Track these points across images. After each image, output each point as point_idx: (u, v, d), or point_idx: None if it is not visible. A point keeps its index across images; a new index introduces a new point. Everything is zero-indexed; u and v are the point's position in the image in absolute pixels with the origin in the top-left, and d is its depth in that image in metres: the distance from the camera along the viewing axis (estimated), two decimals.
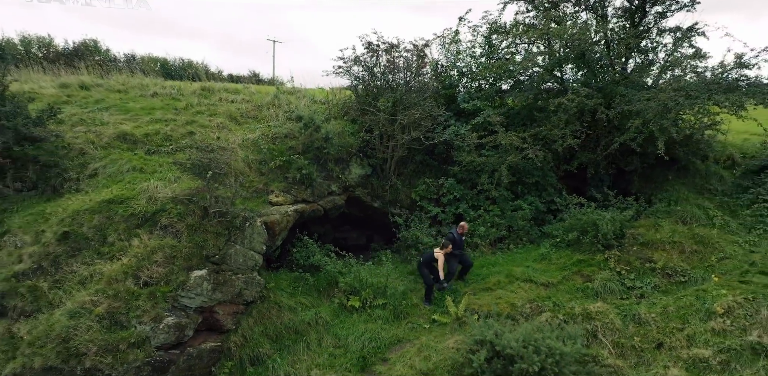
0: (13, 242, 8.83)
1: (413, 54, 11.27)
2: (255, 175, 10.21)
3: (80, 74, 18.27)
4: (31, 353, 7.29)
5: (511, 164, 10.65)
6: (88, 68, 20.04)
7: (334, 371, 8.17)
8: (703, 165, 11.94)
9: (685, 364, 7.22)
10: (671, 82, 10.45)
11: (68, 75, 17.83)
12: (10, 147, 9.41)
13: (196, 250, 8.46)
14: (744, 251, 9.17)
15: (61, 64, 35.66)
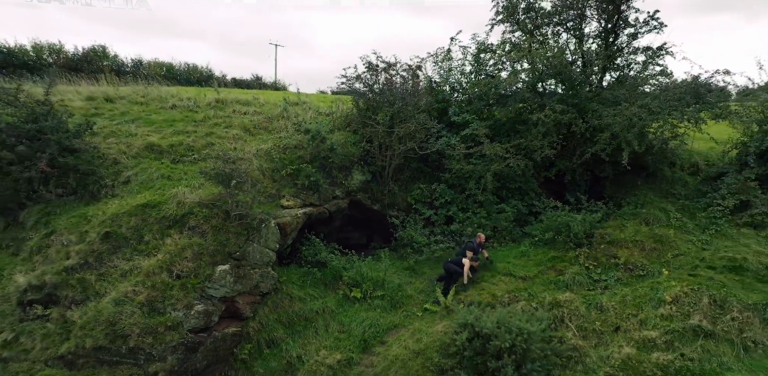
0: (60, 241, 10.14)
1: (409, 73, 12.58)
2: (269, 182, 11.51)
3: (100, 84, 19.67)
4: (83, 334, 8.59)
5: (495, 172, 11.95)
6: (105, 78, 21.39)
7: (339, 352, 9.46)
8: (670, 172, 13.23)
9: (636, 344, 8.51)
10: (636, 99, 11.75)
11: (88, 85, 19.21)
12: (54, 158, 10.72)
13: (219, 247, 9.77)
14: (696, 248, 10.46)
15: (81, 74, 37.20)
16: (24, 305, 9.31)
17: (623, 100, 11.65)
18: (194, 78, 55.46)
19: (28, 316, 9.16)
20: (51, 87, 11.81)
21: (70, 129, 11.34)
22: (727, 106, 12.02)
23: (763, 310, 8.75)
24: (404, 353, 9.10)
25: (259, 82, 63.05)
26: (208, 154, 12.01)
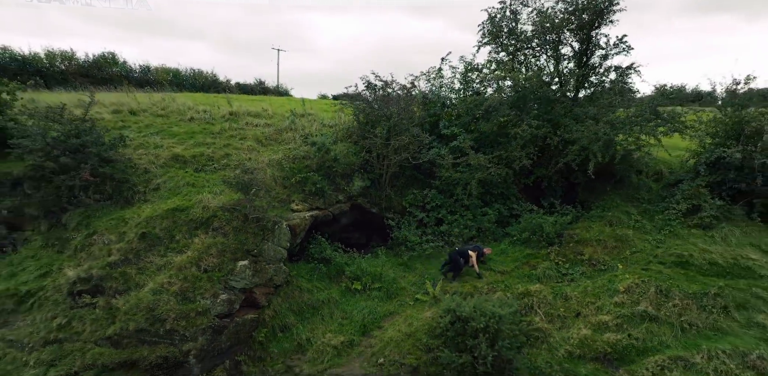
0: (102, 240, 11.70)
1: (403, 91, 14.16)
2: (280, 189, 13.07)
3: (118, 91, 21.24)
4: (127, 319, 10.16)
5: (480, 179, 13.51)
6: (126, 89, 22.96)
7: (342, 335, 11.03)
8: (636, 178, 14.78)
9: (592, 326, 10.08)
10: (603, 115, 13.32)
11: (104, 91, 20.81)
12: (95, 168, 12.29)
13: (239, 246, 11.34)
14: (651, 246, 12.02)
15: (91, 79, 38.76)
16: (74, 294, 10.88)
17: (592, 117, 13.22)
18: (199, 83, 57.12)
19: (78, 304, 10.73)
20: (91, 105, 13.38)
21: (107, 142, 12.92)
22: (682, 122, 13.59)
23: (700, 298, 10.33)
24: (398, 335, 10.67)
25: (263, 86, 64.68)
26: (227, 164, 13.60)
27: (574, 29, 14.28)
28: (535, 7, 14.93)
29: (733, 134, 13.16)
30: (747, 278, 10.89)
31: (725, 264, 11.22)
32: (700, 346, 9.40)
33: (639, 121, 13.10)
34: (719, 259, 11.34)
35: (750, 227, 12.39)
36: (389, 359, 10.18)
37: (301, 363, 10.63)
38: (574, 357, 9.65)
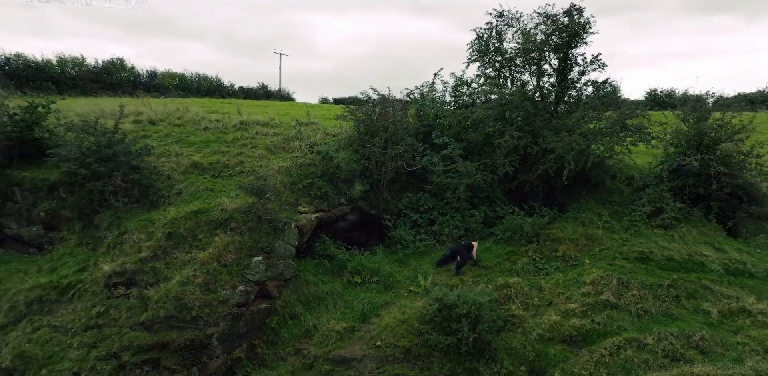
0: (133, 239, 13.22)
1: (399, 106, 15.69)
2: (289, 193, 14.60)
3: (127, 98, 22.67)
4: (158, 307, 11.67)
5: (467, 184, 15.01)
6: (142, 100, 24.45)
7: (344, 322, 12.52)
8: (610, 183, 16.28)
9: (561, 313, 11.60)
10: (579, 127, 14.84)
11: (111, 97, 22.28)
12: (126, 175, 13.82)
13: (254, 244, 12.86)
14: (618, 244, 13.54)
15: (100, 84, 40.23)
16: (110, 286, 12.39)
17: (567, 129, 14.73)
18: (204, 87, 58.68)
19: (114, 294, 12.24)
20: (120, 118, 14.92)
21: (134, 151, 14.44)
22: (648, 133, 15.11)
23: (656, 289, 11.86)
24: (393, 321, 12.17)
25: (266, 90, 66.22)
26: (240, 170, 15.14)
27: (553, 48, 15.79)
28: (519, 28, 16.46)
29: (694, 144, 14.68)
30: (698, 272, 12.42)
31: (681, 260, 12.76)
32: (652, 329, 10.92)
33: (609, 133, 14.62)
34: (676, 255, 12.87)
35: (706, 227, 13.93)
36: (385, 342, 11.69)
37: (308, 346, 12.14)
38: (545, 339, 11.17)
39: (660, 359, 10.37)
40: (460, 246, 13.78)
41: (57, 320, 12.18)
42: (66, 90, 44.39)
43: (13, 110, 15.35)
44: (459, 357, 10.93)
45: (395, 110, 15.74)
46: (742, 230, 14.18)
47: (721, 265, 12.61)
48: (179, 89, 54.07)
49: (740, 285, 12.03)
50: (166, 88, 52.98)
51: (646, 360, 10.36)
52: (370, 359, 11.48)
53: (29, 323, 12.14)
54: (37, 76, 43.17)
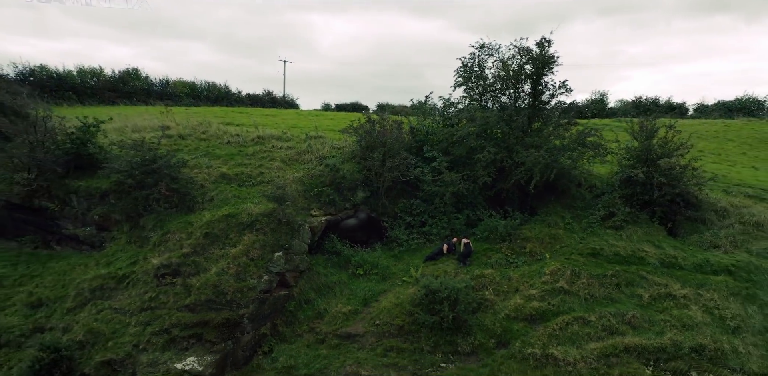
0: (175, 238, 15.93)
1: (395, 126, 18.43)
2: (302, 200, 17.32)
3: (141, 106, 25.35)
4: (199, 292, 14.39)
5: (452, 192, 17.73)
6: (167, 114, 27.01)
7: (349, 305, 15.21)
8: (576, 190, 19.01)
9: (525, 297, 14.31)
10: (545, 144, 17.54)
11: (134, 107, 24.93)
12: (168, 184, 16.55)
13: (275, 241, 15.58)
14: (575, 242, 16.26)
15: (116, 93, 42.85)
16: (158, 276, 15.11)
17: (535, 146, 17.44)
18: (213, 95, 61.42)
19: (162, 283, 14.97)
20: (162, 137, 17.64)
21: (173, 164, 17.16)
22: (605, 148, 17.82)
23: (601, 278, 14.58)
24: (389, 305, 14.90)
25: (271, 96, 68.95)
26: (261, 180, 17.87)
27: (526, 76, 18.51)
28: (498, 57, 19.19)
29: (642, 159, 17.37)
30: (638, 265, 15.15)
31: (625, 255, 15.49)
32: (595, 309, 13.66)
33: (571, 149, 17.34)
34: (621, 251, 15.60)
35: (650, 228, 16.65)
36: (383, 321, 14.42)
37: (320, 325, 14.87)
38: (510, 318, 13.90)
39: (599, 332, 13.12)
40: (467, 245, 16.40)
41: (116, 303, 14.92)
42: (86, 99, 47.31)
43: (71, 130, 18.09)
44: (441, 332, 13.66)
45: (392, 129, 18.47)
46: (680, 230, 16.90)
47: (657, 259, 15.34)
48: (190, 97, 56.91)
49: (670, 275, 14.75)
50: (178, 96, 55.82)
51: (588, 333, 13.11)
52: (370, 334, 14.22)
53: (93, 306, 14.89)
54: (60, 86, 46.10)
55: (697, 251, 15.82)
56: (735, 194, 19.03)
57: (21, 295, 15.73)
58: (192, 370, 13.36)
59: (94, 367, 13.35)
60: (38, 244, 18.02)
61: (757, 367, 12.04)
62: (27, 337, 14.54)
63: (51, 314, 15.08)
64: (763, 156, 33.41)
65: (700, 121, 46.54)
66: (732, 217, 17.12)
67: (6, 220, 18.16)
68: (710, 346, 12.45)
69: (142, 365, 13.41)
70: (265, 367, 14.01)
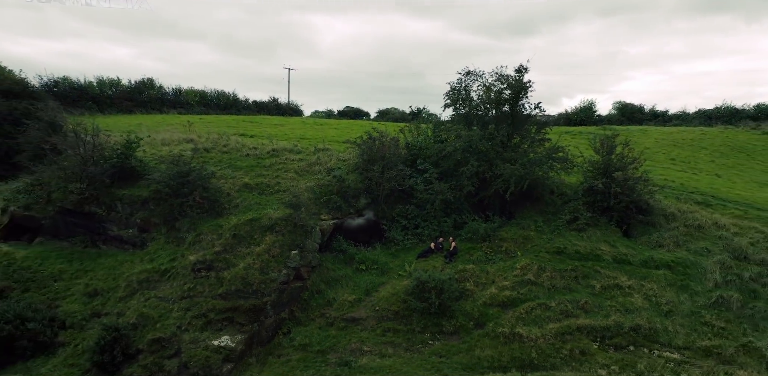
0: (207, 239, 18.87)
1: (392, 142, 21.39)
2: (313, 206, 20.22)
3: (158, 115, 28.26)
4: (230, 284, 17.31)
5: (441, 199, 20.67)
6: (190, 128, 29.94)
7: (354, 295, 18.11)
8: (549, 197, 21.92)
9: (499, 288, 17.23)
10: (521, 158, 20.47)
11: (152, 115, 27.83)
12: (201, 193, 19.50)
13: (292, 241, 18.52)
14: (544, 242, 19.15)
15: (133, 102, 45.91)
16: (195, 270, 18.04)
17: (513, 160, 20.37)
18: (222, 102, 64.36)
19: (198, 276, 17.90)
20: (195, 153, 20.61)
21: (204, 176, 20.11)
22: (571, 162, 20.75)
23: (563, 272, 17.51)
24: (387, 294, 17.83)
25: (276, 103, 71.86)
26: (278, 189, 20.82)
27: (505, 99, 21.45)
28: (481, 82, 22.14)
29: (602, 171, 20.30)
30: (594, 261, 18.07)
31: (584, 252, 18.42)
32: (556, 297, 16.59)
33: (541, 162, 20.28)
34: (582, 249, 18.54)
35: (607, 230, 19.58)
36: (382, 307, 17.36)
37: (330, 311, 17.81)
38: (486, 304, 16.82)
39: (557, 315, 16.06)
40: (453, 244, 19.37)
41: (160, 293, 17.88)
42: (105, 108, 50.40)
43: (116, 146, 21.07)
44: (429, 316, 16.58)
45: (390, 145, 21.43)
46: (633, 232, 19.82)
47: (611, 256, 18.27)
48: (201, 105, 59.93)
49: (620, 270, 17.67)
50: (189, 104, 58.82)
51: (548, 316, 16.04)
52: (371, 318, 17.17)
53: (141, 295, 17.86)
54: (81, 96, 49.19)
55: (645, 249, 18.75)
56: (685, 200, 21.95)
57: (79, 286, 18.71)
58: (226, 346, 16.31)
59: (146, 344, 16.31)
60: (87, 243, 20.97)
61: (681, 342, 14.97)
62: (87, 320, 17.53)
63: (105, 302, 18.07)
64: (730, 163, 36.38)
65: (679, 128, 49.37)
66: (678, 220, 20.05)
67: (60, 223, 21.14)
68: (646, 326, 15.38)
69: (185, 342, 16.37)
70: (284, 345, 16.95)
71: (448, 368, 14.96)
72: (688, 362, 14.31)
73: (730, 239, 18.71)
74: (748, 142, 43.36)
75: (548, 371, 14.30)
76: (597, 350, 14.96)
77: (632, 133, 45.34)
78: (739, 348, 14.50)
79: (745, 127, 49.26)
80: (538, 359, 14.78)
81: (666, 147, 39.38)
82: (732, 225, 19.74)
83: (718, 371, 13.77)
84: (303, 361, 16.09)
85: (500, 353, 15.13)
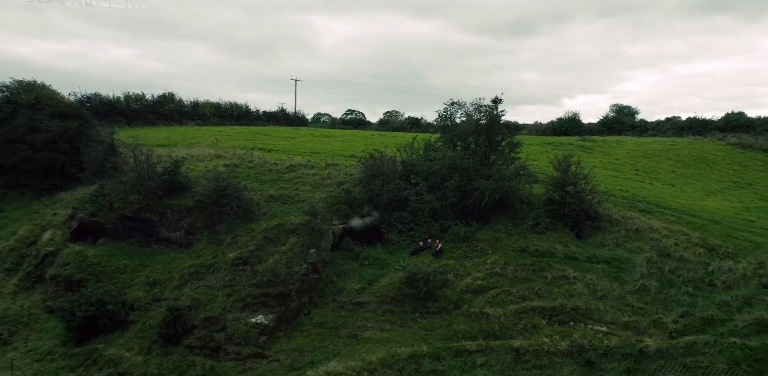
0: (243, 240, 23.49)
1: (390, 160, 26.05)
2: (326, 213, 24.83)
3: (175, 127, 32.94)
4: (262, 275, 22.01)
5: (430, 208, 25.29)
6: (219, 144, 34.59)
7: (359, 284, 22.66)
8: (519, 206, 26.52)
9: (473, 278, 21.84)
10: (493, 174, 25.08)
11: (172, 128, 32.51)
12: (236, 203, 24.14)
13: (310, 242, 23.14)
14: (511, 242, 23.72)
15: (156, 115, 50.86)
16: (234, 265, 22.62)
17: (488, 176, 24.98)
18: (235, 114, 69.12)
19: (236, 269, 22.50)
20: (230, 172, 25.29)
21: (239, 189, 24.76)
22: (536, 177, 25.38)
23: (524, 266, 22.13)
24: (386, 284, 22.43)
25: (285, 113, 76.56)
26: (297, 199, 25.46)
27: (482, 127, 26.09)
28: (464, 111, 26.81)
29: (559, 185, 24.90)
30: (549, 257, 22.66)
31: (542, 251, 23.02)
32: (517, 286, 21.22)
33: (511, 178, 24.91)
34: (540, 248, 23.14)
35: (563, 233, 24.18)
36: (381, 293, 21.98)
37: (340, 297, 22.43)
38: (463, 291, 21.42)
39: (517, 299, 20.66)
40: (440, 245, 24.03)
41: (207, 282, 22.53)
42: (132, 121, 55.26)
43: (166, 164, 25.77)
44: (418, 300, 21.18)
45: (388, 163, 26.09)
46: (584, 234, 24.41)
47: (563, 254, 22.87)
48: (216, 116, 64.69)
49: (569, 264, 22.26)
50: (206, 116, 63.58)
51: (510, 300, 20.64)
52: (373, 302, 21.80)
53: (192, 284, 22.52)
54: (111, 111, 54.01)
55: (590, 248, 23.35)
56: (630, 208, 26.55)
57: (140, 278, 23.40)
58: (261, 323, 20.95)
59: (199, 321, 20.97)
60: (142, 244, 25.62)
61: (609, 318, 19.55)
62: (150, 304, 22.21)
63: (163, 290, 22.74)
64: (689, 173, 41.01)
65: (652, 139, 53.97)
66: (621, 225, 24.65)
67: (120, 227, 25.82)
68: (583, 306, 19.97)
69: (229, 320, 21.02)
70: (305, 323, 21.59)
71: (432, 338, 19.57)
72: (612, 333, 18.91)
73: (659, 240, 23.32)
74: (711, 153, 47.91)
75: (506, 340, 18.89)
76: (545, 325, 19.57)
77: (608, 145, 50.04)
78: (651, 323, 19.09)
79: (712, 138, 53.80)
80: (500, 331, 19.39)
81: (635, 158, 43.86)
82: (664, 229, 24.35)
83: (631, 339, 18.39)
84: (320, 335, 20.73)
85: (471, 327, 19.73)
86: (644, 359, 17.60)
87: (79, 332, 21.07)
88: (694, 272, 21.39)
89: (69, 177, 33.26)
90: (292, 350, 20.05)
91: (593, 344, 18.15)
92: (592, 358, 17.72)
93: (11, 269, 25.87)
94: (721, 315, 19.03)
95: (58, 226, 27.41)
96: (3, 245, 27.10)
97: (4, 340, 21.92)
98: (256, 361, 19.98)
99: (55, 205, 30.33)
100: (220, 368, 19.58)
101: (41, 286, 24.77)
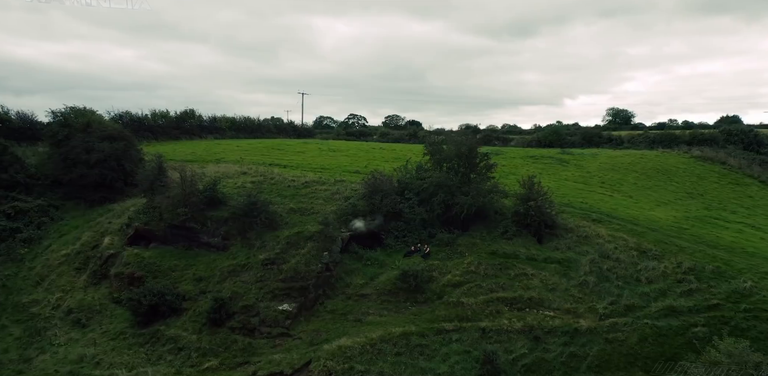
0: (270, 245, 29.08)
1: (387, 179, 31.71)
2: (336, 223, 30.46)
3: (197, 141, 38.61)
4: (286, 273, 27.53)
5: (420, 218, 30.90)
6: (242, 160, 40.29)
7: (363, 280, 28.25)
8: (494, 216, 32.11)
9: (453, 275, 27.46)
10: (472, 191, 30.70)
11: (196, 142, 38.24)
12: (264, 215, 29.79)
13: (324, 246, 28.73)
14: (485, 246, 29.27)
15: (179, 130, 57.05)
16: (263, 264, 28.25)
17: (467, 193, 30.58)
18: (249, 127, 74.92)
19: (266, 268, 28.14)
20: (258, 189, 30.98)
21: (266, 203, 30.40)
22: (506, 193, 31.02)
23: (494, 266, 27.77)
24: (384, 279, 28.02)
25: (293, 125, 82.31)
26: (313, 211, 31.12)
27: (463, 152, 31.75)
28: (451, 139, 32.44)
29: (524, 199, 30.48)
30: (514, 258, 28.26)
31: (509, 252, 28.62)
32: (486, 281, 26.83)
33: (485, 194, 30.55)
34: (507, 251, 28.75)
35: (526, 239, 29.77)
36: (380, 286, 27.59)
37: (348, 290, 28.04)
38: (445, 285, 27.00)
39: (486, 291, 26.28)
40: (427, 250, 29.68)
41: (242, 278, 28.19)
42: (158, 136, 61.03)
43: (205, 182, 31.48)
44: (409, 292, 26.80)
45: (386, 181, 31.77)
46: (543, 240, 30.03)
47: (525, 256, 28.47)
48: (231, 130, 70.48)
49: (529, 264, 27.84)
50: (223, 130, 69.35)
51: (480, 291, 26.27)
52: (374, 294, 27.44)
53: (231, 280, 28.16)
54: (140, 127, 59.85)
55: (547, 251, 28.96)
56: (584, 218, 32.17)
57: (188, 275, 29.08)
58: (286, 310, 26.61)
59: (238, 308, 26.62)
60: (187, 248, 31.26)
61: (555, 306, 25.13)
62: (198, 295, 27.88)
63: (208, 284, 28.42)
64: (649, 185, 46.56)
65: (624, 152, 59.39)
66: (574, 232, 30.24)
67: (168, 234, 31.50)
68: (537, 297, 25.58)
69: (262, 307, 26.68)
70: (321, 310, 27.23)
71: (419, 321, 25.19)
72: (556, 316, 24.52)
73: (602, 245, 28.93)
74: (674, 165, 53.41)
75: (476, 322, 24.50)
76: (506, 311, 25.18)
77: (584, 158, 55.61)
78: (587, 309, 24.71)
79: (679, 151, 59.33)
80: (471, 316, 25.00)
81: (604, 171, 49.40)
82: (608, 235, 29.95)
83: (570, 320, 24.02)
84: (332, 319, 26.37)
85: (450, 312, 25.35)
86: (578, 335, 23.19)
87: (144, 317, 26.70)
88: (626, 270, 26.99)
89: (116, 190, 39.03)
90: (311, 330, 25.68)
91: (541, 325, 23.75)
92: (540, 335, 23.32)
93: (80, 267, 31.52)
94: (641, 303, 24.62)
95: (114, 232, 33.11)
96: (71, 249, 32.80)
97: (83, 324, 27.59)
98: (283, 339, 25.62)
99: (108, 214, 36.06)
100: (255, 344, 25.22)
101: (106, 281, 30.43)
